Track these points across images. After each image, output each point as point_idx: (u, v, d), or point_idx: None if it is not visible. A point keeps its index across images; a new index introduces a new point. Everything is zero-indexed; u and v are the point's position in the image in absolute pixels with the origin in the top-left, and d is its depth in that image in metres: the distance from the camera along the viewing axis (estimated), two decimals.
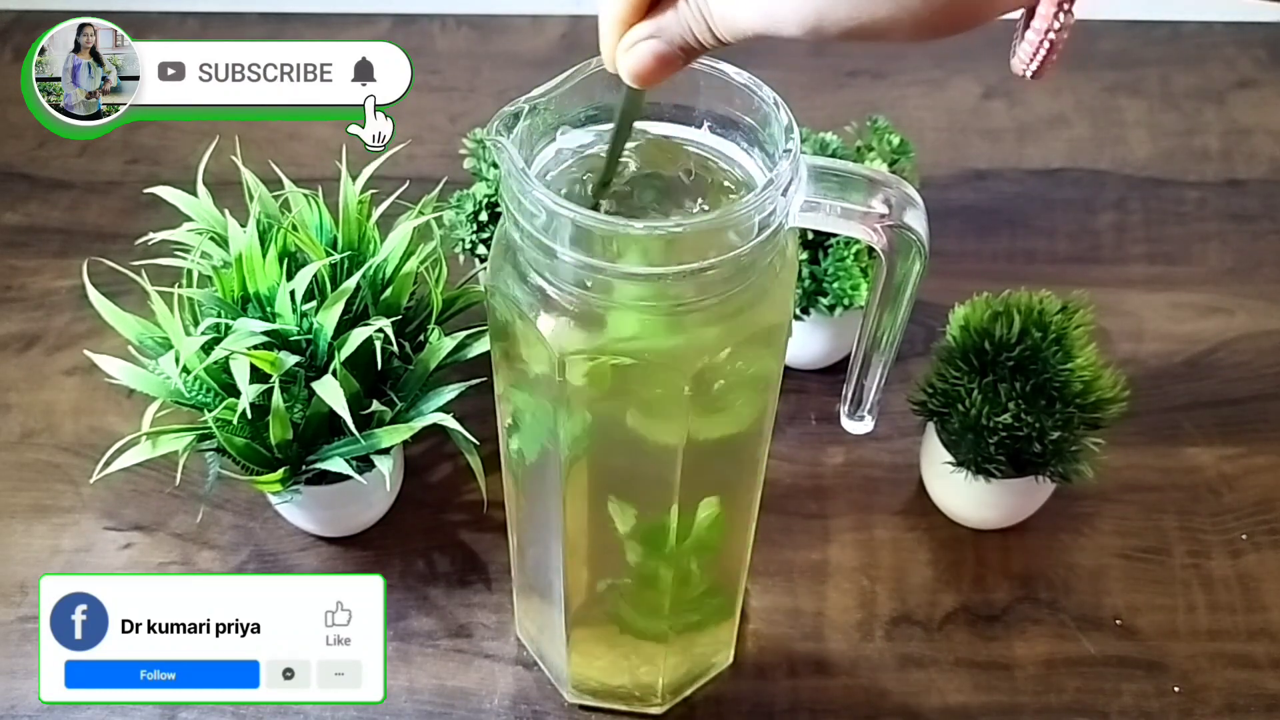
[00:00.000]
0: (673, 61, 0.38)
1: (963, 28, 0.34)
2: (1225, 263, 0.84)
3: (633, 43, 0.38)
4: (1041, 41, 0.33)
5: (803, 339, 0.72)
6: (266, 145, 0.89)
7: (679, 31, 0.37)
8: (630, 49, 0.38)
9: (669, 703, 0.61)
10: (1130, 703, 0.62)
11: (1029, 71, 0.34)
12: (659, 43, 0.37)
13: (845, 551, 0.68)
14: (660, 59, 0.37)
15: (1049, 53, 0.34)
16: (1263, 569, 0.67)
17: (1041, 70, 0.34)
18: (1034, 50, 0.34)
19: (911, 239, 0.43)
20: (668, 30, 0.37)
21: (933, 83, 0.96)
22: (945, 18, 0.33)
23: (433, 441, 0.72)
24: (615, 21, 0.38)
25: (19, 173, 0.90)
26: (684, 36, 0.37)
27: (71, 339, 0.78)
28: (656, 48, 0.37)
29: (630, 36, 0.38)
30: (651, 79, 0.38)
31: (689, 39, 0.37)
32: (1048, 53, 0.34)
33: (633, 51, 0.38)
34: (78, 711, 0.61)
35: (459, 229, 0.70)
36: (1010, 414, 0.61)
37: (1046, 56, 0.34)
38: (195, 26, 1.02)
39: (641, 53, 0.37)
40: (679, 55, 0.37)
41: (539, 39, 1.01)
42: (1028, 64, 0.34)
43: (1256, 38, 1.01)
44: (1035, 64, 0.34)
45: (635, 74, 0.38)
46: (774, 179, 0.41)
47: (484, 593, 0.66)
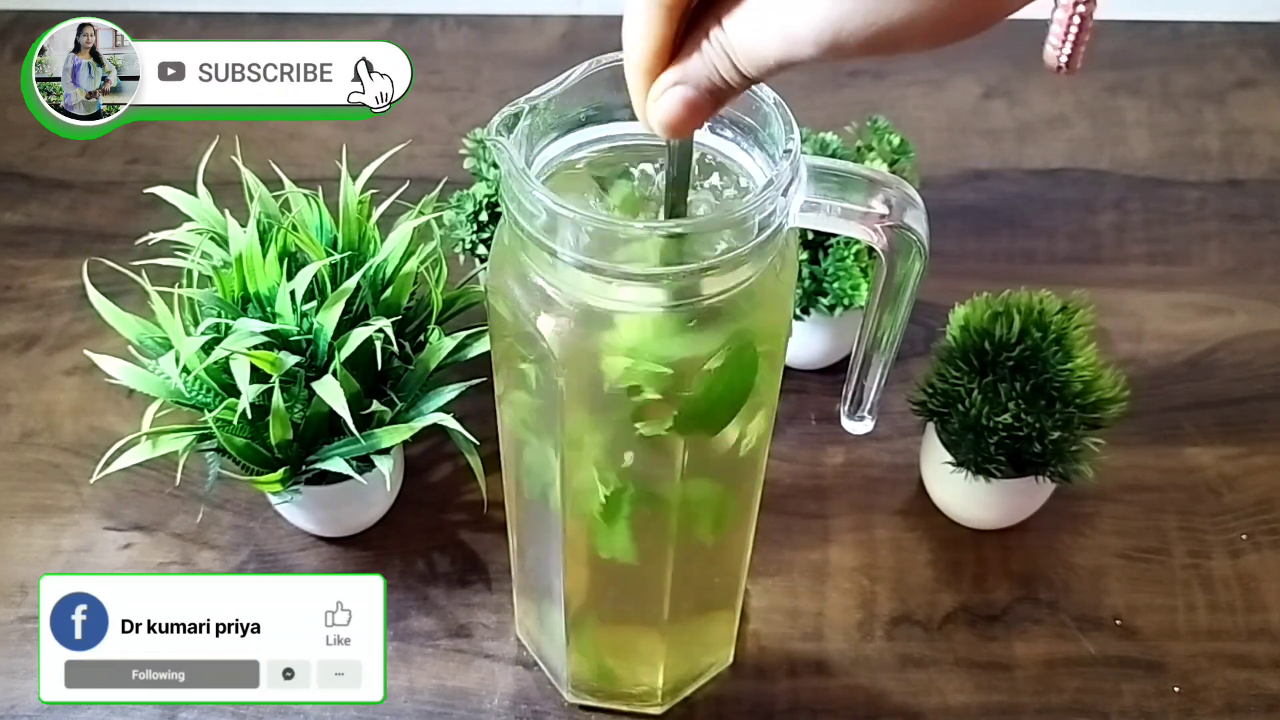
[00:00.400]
0: (701, 107, 0.36)
1: (984, 24, 0.33)
2: (1225, 263, 0.84)
3: (661, 91, 0.36)
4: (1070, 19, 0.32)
5: (803, 339, 0.72)
6: (266, 145, 0.89)
7: (705, 73, 0.35)
8: (658, 99, 0.36)
9: (669, 703, 0.61)
10: (1130, 703, 0.62)
11: (1063, 57, 0.33)
12: (686, 89, 0.36)
13: (845, 551, 0.68)
14: (689, 105, 0.36)
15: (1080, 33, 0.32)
16: (1263, 569, 0.67)
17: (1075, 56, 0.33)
18: (1064, 31, 0.32)
19: (911, 239, 0.43)
20: (693, 74, 0.36)
21: (933, 83, 0.96)
22: (965, 12, 0.32)
23: (433, 441, 0.72)
24: (641, 72, 0.36)
25: (19, 173, 0.90)
26: (710, 78, 0.35)
27: (71, 339, 0.78)
28: (685, 94, 0.36)
29: (657, 86, 0.36)
30: (683, 128, 0.37)
31: (716, 80, 0.35)
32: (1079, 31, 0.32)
33: (662, 101, 0.36)
34: (78, 711, 0.61)
35: (459, 229, 0.70)
36: (1010, 414, 0.61)
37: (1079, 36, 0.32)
38: (195, 26, 1.02)
39: (671, 101, 0.36)
40: (708, 99, 0.36)
41: (539, 39, 1.01)
42: (1060, 48, 0.33)
43: (1256, 38, 1.01)
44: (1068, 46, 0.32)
45: (666, 125, 0.37)
46: (774, 179, 0.41)
47: (484, 593, 0.66)
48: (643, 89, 0.37)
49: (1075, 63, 0.33)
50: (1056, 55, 0.33)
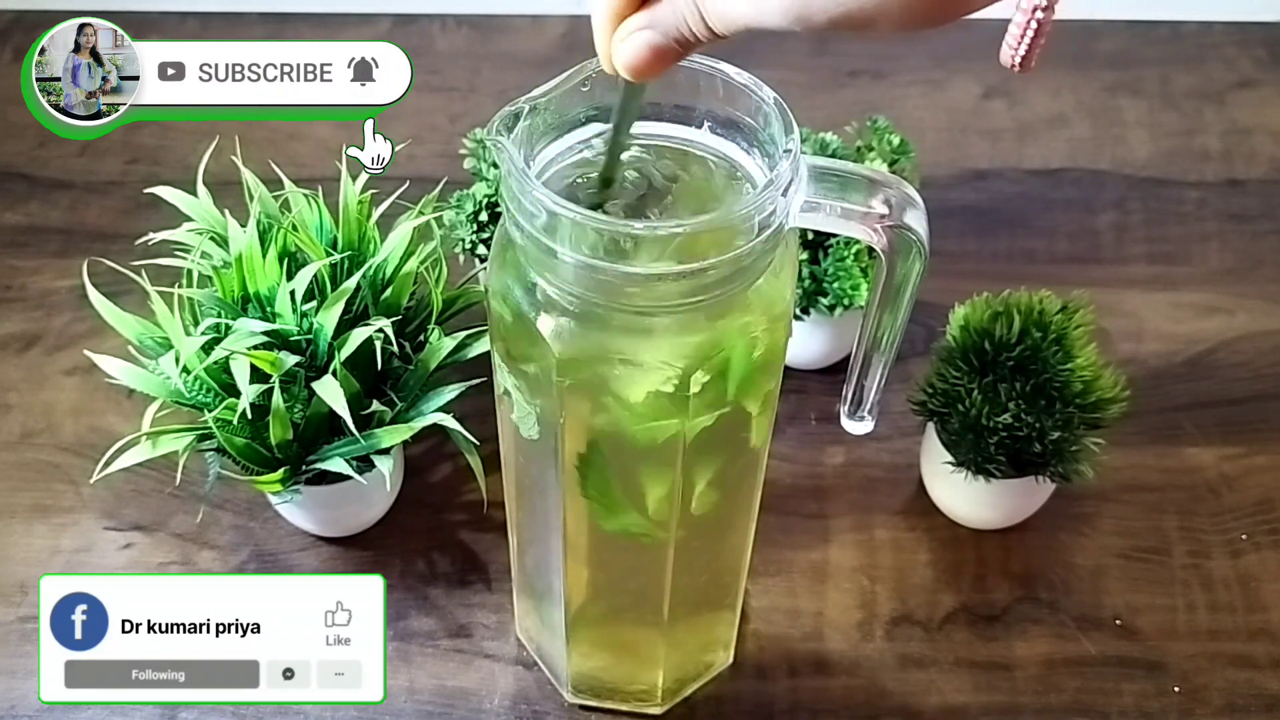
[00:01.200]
0: (667, 54, 0.37)
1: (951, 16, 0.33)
2: (1225, 263, 0.84)
3: (627, 34, 0.37)
4: (1027, 23, 0.33)
5: (803, 339, 0.72)
6: (266, 145, 0.89)
7: (674, 23, 0.37)
8: (625, 40, 0.38)
9: (669, 703, 0.61)
10: (1130, 703, 0.62)
11: (1016, 58, 0.34)
12: (654, 34, 0.37)
13: (845, 551, 0.68)
14: (655, 51, 0.37)
15: (1036, 35, 0.33)
16: (1263, 569, 0.67)
17: (1029, 58, 0.33)
18: (1020, 33, 0.33)
19: (911, 239, 0.43)
20: (662, 22, 0.37)
21: (933, 83, 0.96)
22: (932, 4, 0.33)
23: (433, 441, 0.72)
24: (609, 15, 0.38)
25: (19, 173, 0.90)
26: (678, 28, 0.36)
27: (71, 339, 0.78)
28: (651, 39, 0.37)
29: (624, 28, 0.38)
30: (647, 72, 0.38)
31: (684, 30, 0.36)
32: (1035, 36, 0.33)
33: (628, 43, 0.37)
34: (78, 711, 0.61)
35: (459, 229, 0.70)
36: (1010, 414, 0.61)
37: (1034, 40, 0.33)
38: (195, 26, 1.02)
39: (637, 44, 0.37)
40: (674, 47, 0.37)
41: (539, 39, 1.01)
42: (1015, 49, 0.33)
43: (1256, 38, 1.01)
44: (1023, 48, 0.33)
45: (631, 66, 0.38)
46: (774, 179, 0.41)
47: (484, 593, 0.66)
48: (609, 28, 0.38)
49: (1030, 63, 0.34)
50: (1011, 55, 0.34)
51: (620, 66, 0.38)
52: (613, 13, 0.38)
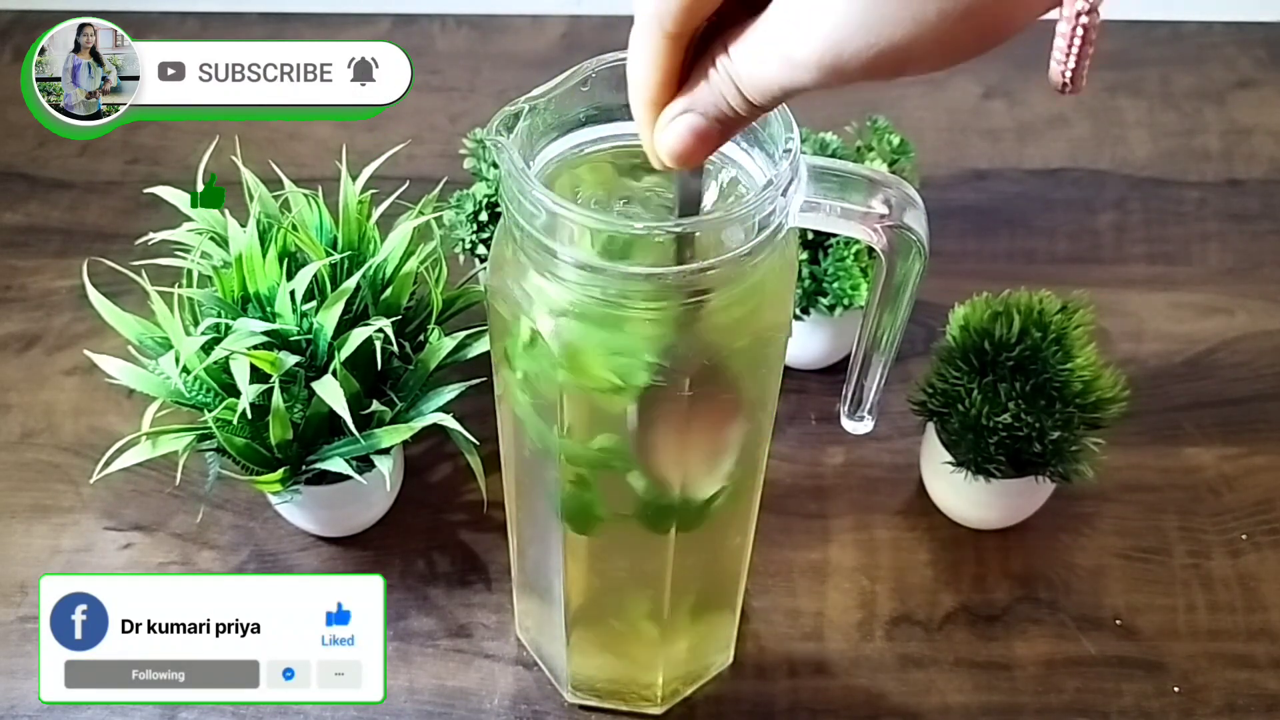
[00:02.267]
0: (710, 136, 0.36)
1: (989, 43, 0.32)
2: (1225, 263, 0.84)
3: (668, 120, 0.36)
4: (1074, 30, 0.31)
5: (803, 339, 0.72)
6: (266, 145, 0.89)
7: (712, 101, 0.35)
8: (666, 128, 0.36)
9: (669, 703, 0.61)
10: (1130, 703, 0.62)
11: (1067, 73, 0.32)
12: (694, 116, 0.36)
13: (845, 551, 0.68)
14: (698, 134, 0.36)
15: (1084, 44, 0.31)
16: (1263, 569, 0.67)
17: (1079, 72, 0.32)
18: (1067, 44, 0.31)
19: (911, 239, 0.43)
20: (701, 103, 0.35)
21: (933, 83, 0.96)
22: (968, 31, 0.31)
23: (433, 441, 0.72)
24: (648, 104, 0.36)
25: (19, 173, 0.90)
26: (718, 106, 0.35)
27: (71, 339, 0.78)
28: (693, 122, 0.36)
29: (665, 116, 0.36)
30: (692, 158, 0.36)
31: (723, 108, 0.35)
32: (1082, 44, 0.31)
33: (669, 131, 0.36)
34: (78, 711, 0.61)
35: (459, 229, 0.70)
36: (1010, 414, 0.61)
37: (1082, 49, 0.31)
38: (195, 26, 1.02)
39: (679, 130, 0.36)
40: (716, 128, 0.36)
41: (539, 39, 1.01)
42: (1064, 62, 0.32)
43: (1256, 38, 1.01)
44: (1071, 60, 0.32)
45: (675, 154, 0.36)
46: (774, 179, 0.41)
47: (484, 593, 0.66)
48: (649, 120, 0.36)
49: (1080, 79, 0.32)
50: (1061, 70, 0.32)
51: (665, 156, 0.37)
52: (650, 101, 0.36)
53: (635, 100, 0.36)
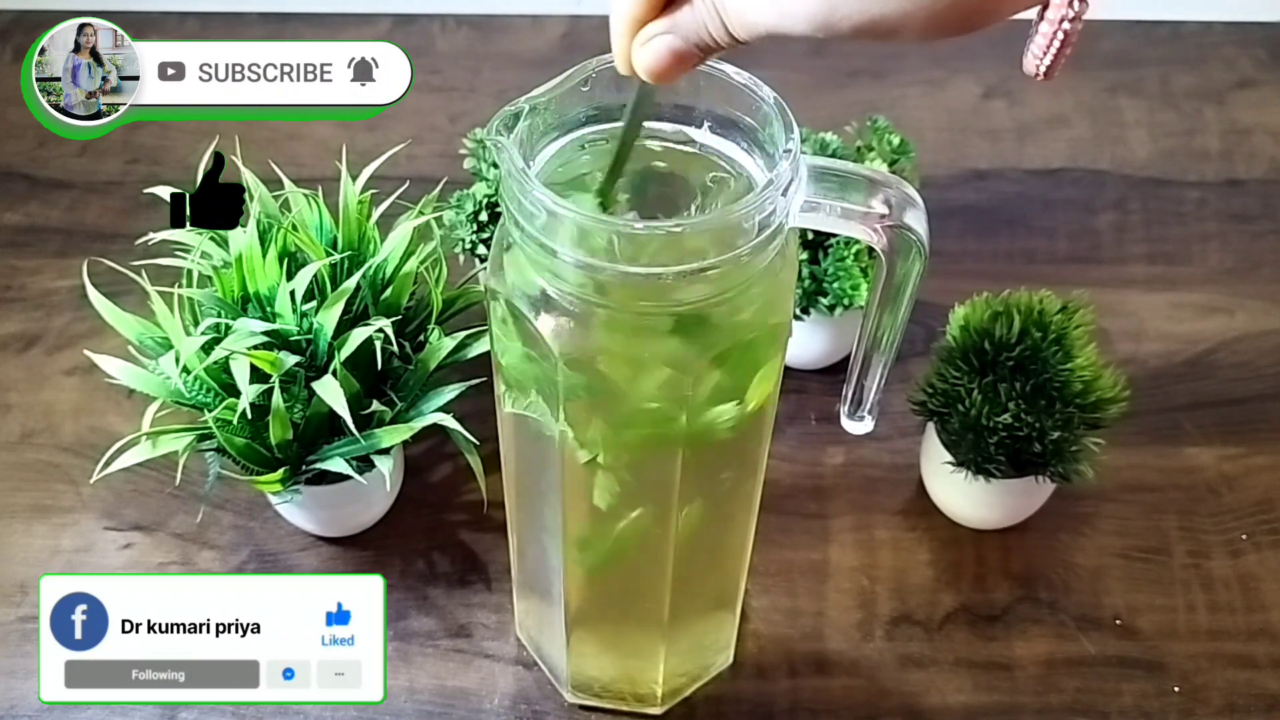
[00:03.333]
0: (688, 58, 0.37)
1: (974, 25, 0.33)
2: (1225, 263, 0.84)
3: (648, 38, 0.37)
4: (1055, 33, 0.33)
5: (803, 339, 0.72)
6: (266, 145, 0.89)
7: (694, 28, 0.37)
8: (645, 44, 0.38)
9: (669, 703, 0.61)
10: (1130, 703, 0.62)
11: (1042, 67, 0.34)
12: (675, 38, 0.37)
13: (845, 551, 0.68)
14: (676, 55, 0.37)
15: (1063, 45, 0.33)
16: (1263, 569, 0.67)
17: (1054, 67, 0.34)
18: (1047, 44, 0.33)
19: (911, 239, 0.43)
20: (683, 26, 0.37)
21: (933, 83, 0.96)
22: (956, 15, 0.33)
23: (433, 441, 0.72)
24: (629, 20, 0.38)
25: (19, 173, 0.90)
26: (699, 33, 0.37)
27: (71, 339, 0.78)
28: (672, 43, 0.37)
29: (645, 33, 0.38)
30: (668, 76, 0.38)
31: (704, 36, 0.36)
32: (1061, 45, 0.33)
33: (648, 47, 0.38)
34: (78, 711, 0.61)
35: (459, 229, 0.70)
36: (1010, 414, 0.61)
37: (1060, 50, 0.33)
38: (195, 26, 1.02)
39: (658, 48, 0.37)
40: (695, 52, 0.37)
41: (539, 39, 1.01)
42: (1040, 59, 0.34)
43: (1256, 38, 1.01)
44: (1049, 58, 0.33)
45: (651, 70, 0.38)
46: (774, 179, 0.41)
47: (484, 593, 0.66)
48: (628, 33, 0.38)
49: (1054, 72, 0.34)
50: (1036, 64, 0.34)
51: (640, 70, 0.38)
52: (632, 18, 0.38)
53: (616, 13, 0.38)
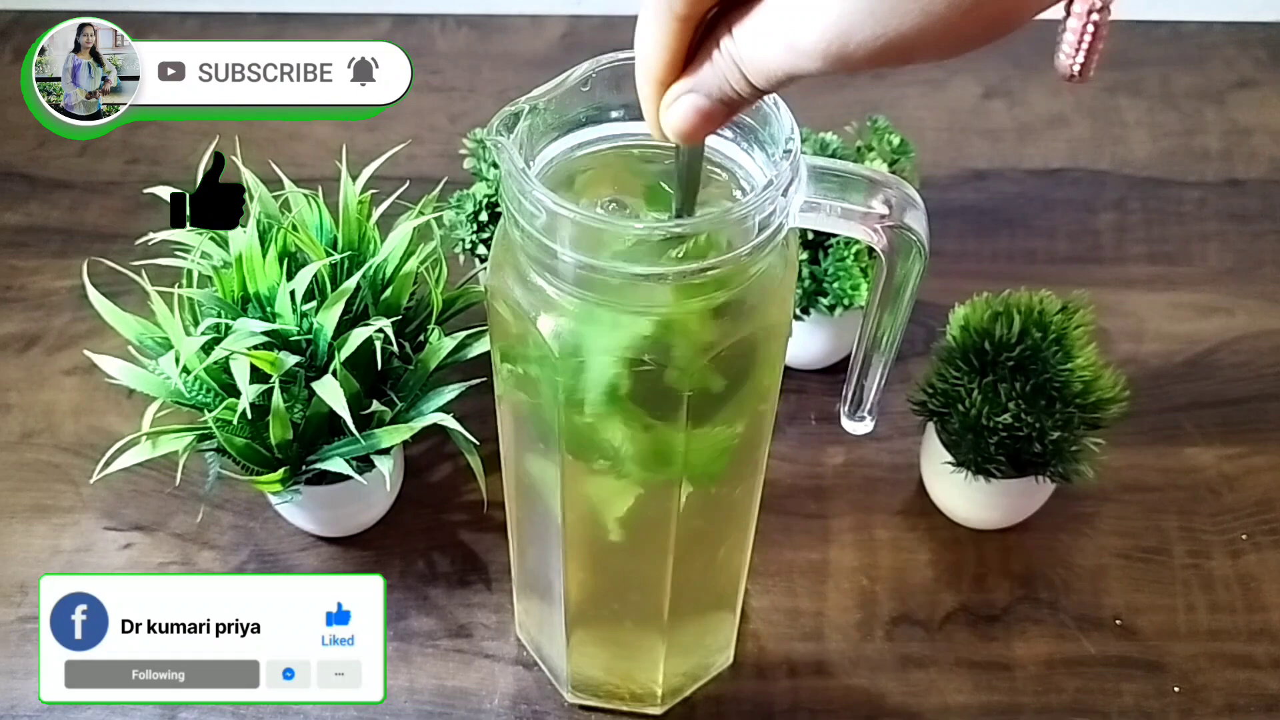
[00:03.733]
0: (714, 115, 0.37)
1: (997, 34, 0.32)
2: (1225, 263, 0.84)
3: (673, 99, 0.37)
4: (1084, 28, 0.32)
5: (803, 339, 0.72)
6: (266, 145, 0.89)
7: (717, 83, 0.36)
8: (671, 107, 0.37)
9: (669, 703, 0.61)
10: (1130, 703, 0.62)
11: (1075, 66, 0.32)
12: (698, 97, 0.36)
13: (845, 551, 0.68)
14: (702, 114, 0.37)
15: (1094, 40, 0.32)
16: (1263, 569, 0.67)
17: (1088, 64, 0.32)
18: (1077, 39, 0.32)
19: (911, 239, 0.43)
20: (705, 84, 0.36)
21: (933, 83, 0.96)
22: (976, 22, 0.31)
23: (433, 441, 0.72)
24: (654, 82, 0.37)
25: (19, 173, 0.90)
26: (721, 88, 0.36)
27: (71, 339, 0.78)
28: (697, 103, 0.36)
29: (670, 95, 0.37)
30: (696, 135, 0.37)
31: (727, 90, 0.36)
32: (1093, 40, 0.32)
33: (674, 109, 0.37)
34: (78, 711, 0.61)
35: (459, 229, 0.70)
36: (1010, 414, 0.61)
37: (1092, 45, 0.32)
38: (195, 26, 1.02)
39: (684, 108, 0.37)
40: (720, 108, 0.36)
41: (539, 39, 1.01)
42: (1073, 57, 0.32)
43: (1256, 38, 1.01)
44: (1081, 55, 0.32)
45: (679, 132, 0.37)
46: (774, 179, 0.41)
47: (484, 593, 0.66)
48: (655, 97, 0.37)
49: (1089, 71, 0.32)
50: (1070, 64, 0.32)
51: (670, 132, 0.38)
52: (657, 80, 0.37)
53: (642, 77, 0.37)
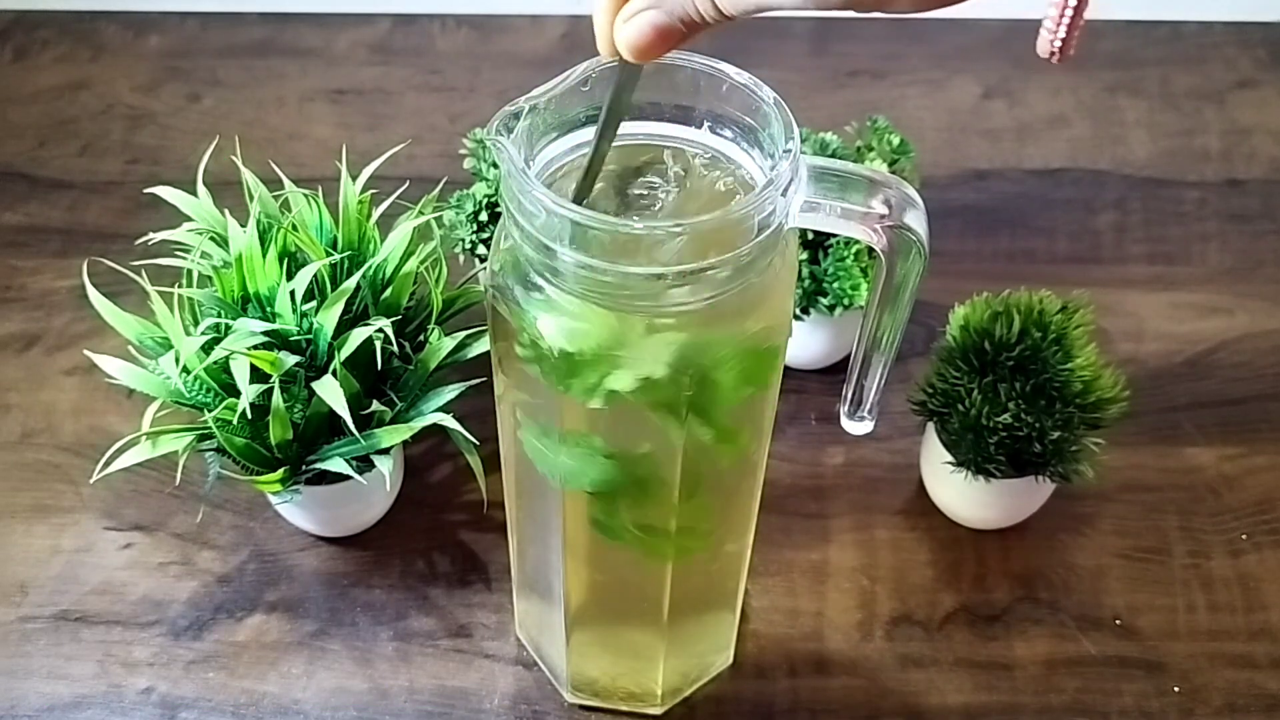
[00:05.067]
0: (672, 34, 0.36)
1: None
2: (1225, 263, 0.84)
3: (632, 13, 0.36)
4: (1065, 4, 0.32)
5: (803, 339, 0.72)
6: (266, 145, 0.89)
7: (680, 2, 0.35)
8: (629, 20, 0.37)
9: (669, 703, 0.61)
10: (1130, 703, 0.62)
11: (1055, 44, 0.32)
12: (658, 13, 0.36)
13: (845, 551, 0.68)
14: (660, 30, 0.36)
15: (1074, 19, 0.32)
16: (1263, 569, 0.67)
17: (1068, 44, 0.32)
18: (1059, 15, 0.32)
19: (911, 239, 0.43)
20: (668, 1, 0.36)
21: (933, 83, 0.96)
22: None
23: (433, 441, 0.72)
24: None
25: (19, 173, 0.90)
26: (685, 8, 0.35)
27: (71, 339, 0.78)
28: (656, 18, 0.36)
29: (629, 8, 0.37)
30: (651, 52, 0.37)
31: (690, 11, 0.35)
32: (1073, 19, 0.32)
33: (631, 23, 0.36)
34: (77, 711, 0.61)
35: (459, 229, 0.70)
36: (1010, 414, 0.61)
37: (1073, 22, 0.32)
38: (195, 26, 1.02)
39: (640, 24, 0.36)
40: (679, 28, 0.36)
41: (539, 39, 1.01)
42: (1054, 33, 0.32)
43: (1256, 38, 1.01)
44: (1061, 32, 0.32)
45: (634, 47, 0.37)
46: (774, 179, 0.41)
47: (484, 593, 0.66)
48: (610, 12, 0.37)
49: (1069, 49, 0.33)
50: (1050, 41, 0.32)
51: (623, 47, 0.37)
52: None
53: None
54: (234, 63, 0.99)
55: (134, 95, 0.96)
